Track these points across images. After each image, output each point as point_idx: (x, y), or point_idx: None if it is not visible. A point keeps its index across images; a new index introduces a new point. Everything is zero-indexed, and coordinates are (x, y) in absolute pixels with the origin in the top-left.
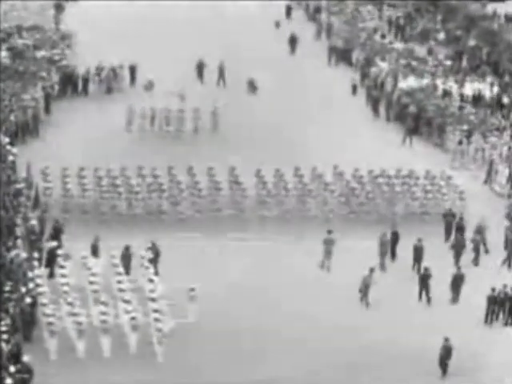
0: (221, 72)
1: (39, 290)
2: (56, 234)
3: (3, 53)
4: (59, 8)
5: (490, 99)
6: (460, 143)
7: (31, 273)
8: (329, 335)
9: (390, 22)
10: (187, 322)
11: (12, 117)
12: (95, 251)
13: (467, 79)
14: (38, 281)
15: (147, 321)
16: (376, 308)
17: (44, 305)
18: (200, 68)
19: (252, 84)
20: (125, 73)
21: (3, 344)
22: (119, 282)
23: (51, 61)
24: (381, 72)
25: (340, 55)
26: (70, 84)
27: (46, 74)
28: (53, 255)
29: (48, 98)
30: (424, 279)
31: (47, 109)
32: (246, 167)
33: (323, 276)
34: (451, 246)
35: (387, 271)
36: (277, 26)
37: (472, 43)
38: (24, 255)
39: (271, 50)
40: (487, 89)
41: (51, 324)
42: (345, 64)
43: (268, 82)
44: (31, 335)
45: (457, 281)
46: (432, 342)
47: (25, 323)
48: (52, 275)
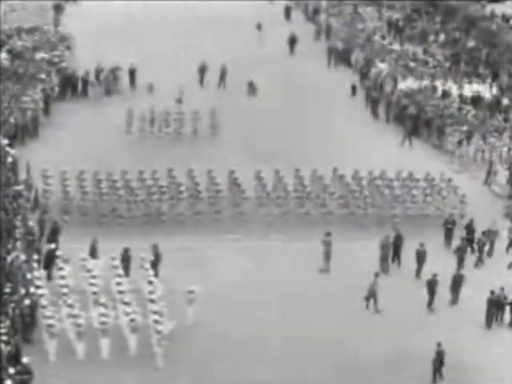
0: (222, 74)
1: (39, 292)
2: (53, 235)
3: (3, 54)
4: (58, 9)
5: (490, 100)
6: (459, 144)
7: (30, 274)
8: (330, 337)
9: (390, 23)
10: (186, 324)
11: (11, 118)
12: (93, 253)
13: (466, 80)
14: (38, 283)
15: (147, 323)
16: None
17: (44, 307)
18: (202, 71)
19: (252, 86)
20: (124, 75)
21: (3, 345)
22: (119, 284)
23: (51, 63)
24: (380, 73)
25: (339, 56)
26: (70, 86)
27: (46, 76)
28: (51, 257)
29: (47, 100)
30: (431, 285)
31: (47, 111)
32: (246, 169)
33: (323, 277)
34: (455, 251)
35: (390, 276)
36: (258, 29)
37: (471, 44)
38: (23, 257)
39: (270, 52)
40: (486, 90)
41: (51, 326)
42: (344, 65)
43: (267, 84)
44: (31, 337)
45: (456, 282)
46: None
47: (24, 325)
48: (50, 277)
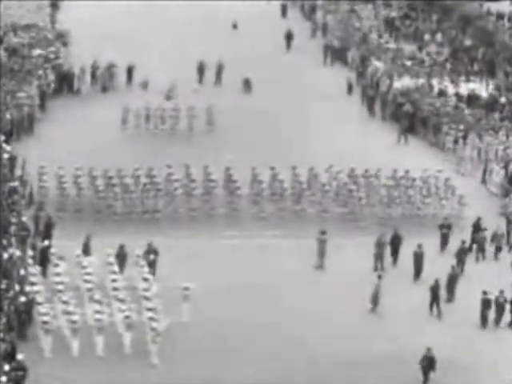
0: (218, 71)
1: (34, 289)
2: (48, 231)
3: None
4: (55, 6)
5: (486, 99)
6: (455, 143)
7: (24, 271)
8: (326, 335)
9: (387, 22)
10: (181, 321)
11: (7, 115)
12: (87, 250)
13: (462, 79)
14: (33, 279)
15: (141, 320)
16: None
17: (39, 303)
18: (201, 69)
19: (247, 83)
20: (120, 72)
21: None
22: (114, 281)
23: (47, 59)
24: (376, 71)
25: (335, 54)
26: (66, 82)
27: (42, 73)
28: (46, 254)
29: (43, 97)
30: (435, 291)
31: (42, 107)
32: (241, 166)
33: (319, 274)
34: (456, 253)
35: (387, 277)
36: (234, 28)
37: (467, 43)
38: (18, 253)
39: (266, 49)
40: (483, 89)
41: (46, 322)
42: (340, 63)
43: (263, 81)
44: (26, 334)
45: (451, 281)
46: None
47: (20, 322)
48: (45, 274)
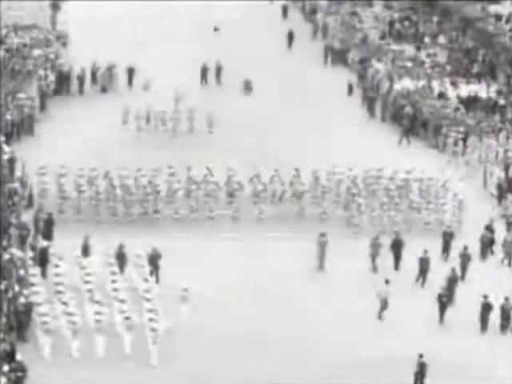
0: (217, 72)
1: (34, 290)
2: (48, 227)
3: (0, 52)
4: (55, 7)
5: (486, 101)
6: (455, 145)
7: (24, 271)
8: (327, 337)
9: (388, 23)
10: (181, 323)
11: (7, 115)
12: (86, 250)
13: (462, 81)
14: (33, 280)
15: (141, 321)
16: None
17: (38, 304)
18: (204, 71)
19: (248, 84)
20: (121, 73)
21: None
22: (114, 282)
23: (47, 60)
24: (377, 73)
25: (336, 55)
26: (66, 83)
27: (42, 73)
28: (45, 255)
29: (43, 97)
30: (442, 301)
31: (43, 108)
32: (242, 167)
33: (319, 275)
34: (459, 256)
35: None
36: (215, 30)
37: (468, 45)
38: (18, 254)
39: (267, 50)
40: (483, 91)
41: (45, 323)
42: (341, 64)
43: (264, 82)
44: (25, 335)
45: (451, 283)
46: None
47: (19, 323)
48: (45, 275)
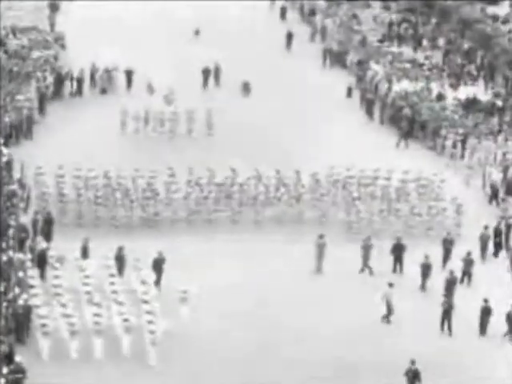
0: (216, 73)
1: (32, 292)
2: (48, 228)
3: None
4: (54, 8)
5: (486, 103)
6: (454, 147)
7: (23, 273)
8: (327, 338)
9: (385, 25)
10: (179, 325)
11: (6, 117)
12: (85, 253)
13: (461, 83)
14: (31, 282)
15: (140, 322)
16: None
17: (37, 306)
18: (206, 74)
19: (246, 86)
20: (120, 74)
21: None
22: (112, 284)
23: (46, 61)
24: (375, 75)
25: (334, 57)
26: (65, 85)
27: (41, 75)
28: (43, 257)
29: (42, 99)
30: (447, 310)
31: (41, 110)
32: (241, 169)
33: (317, 278)
34: (462, 261)
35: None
36: (196, 34)
37: (466, 46)
38: (17, 256)
39: (265, 52)
40: (482, 93)
41: (44, 325)
42: (339, 66)
43: (262, 84)
44: (23, 337)
45: (449, 285)
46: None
47: (18, 325)
48: (43, 277)
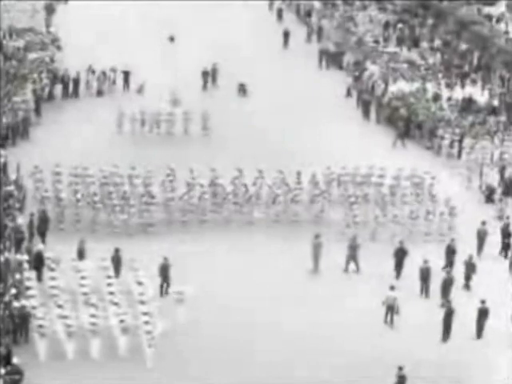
0: (213, 74)
1: (29, 293)
2: (43, 226)
3: None
4: (50, 10)
5: (484, 103)
6: (451, 147)
7: (19, 274)
8: (326, 337)
9: (384, 26)
10: (176, 325)
11: (3, 119)
12: (81, 254)
13: (458, 83)
14: (28, 283)
15: (137, 323)
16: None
17: (34, 307)
18: (205, 75)
19: (243, 87)
20: (117, 76)
21: None
22: (109, 285)
23: (42, 63)
24: (371, 75)
25: (331, 58)
26: (61, 86)
27: (37, 77)
28: (40, 258)
29: (38, 101)
30: (449, 314)
31: (38, 111)
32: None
33: (314, 278)
34: (464, 263)
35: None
36: (171, 41)
37: (463, 47)
38: (14, 257)
39: (262, 53)
40: (478, 93)
41: (41, 326)
42: (336, 67)
43: (259, 85)
44: (20, 339)
45: (446, 285)
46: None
47: (15, 326)
48: (40, 278)
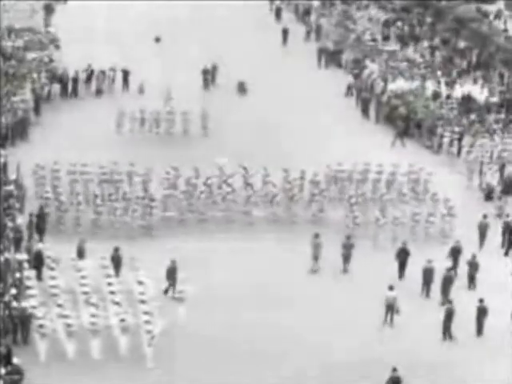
0: (213, 73)
1: (29, 292)
2: (41, 221)
3: None
4: (49, 9)
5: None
6: (451, 145)
7: (19, 274)
8: (327, 338)
9: (383, 24)
10: (176, 324)
11: (2, 119)
12: (81, 253)
13: (458, 81)
14: (28, 283)
15: (137, 323)
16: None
17: (34, 307)
18: (206, 74)
19: (242, 86)
20: (117, 75)
21: None
22: (109, 284)
23: (41, 63)
24: (371, 73)
25: (329, 57)
26: (60, 86)
27: (36, 76)
28: (40, 258)
29: (38, 100)
30: (449, 314)
31: (37, 111)
32: (236, 169)
33: (313, 278)
34: (467, 263)
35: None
36: (157, 41)
37: (462, 45)
38: (14, 257)
39: (260, 52)
40: (478, 91)
41: (41, 326)
42: (334, 66)
43: (258, 84)
44: (22, 338)
45: (445, 283)
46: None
47: (15, 326)
48: (40, 278)
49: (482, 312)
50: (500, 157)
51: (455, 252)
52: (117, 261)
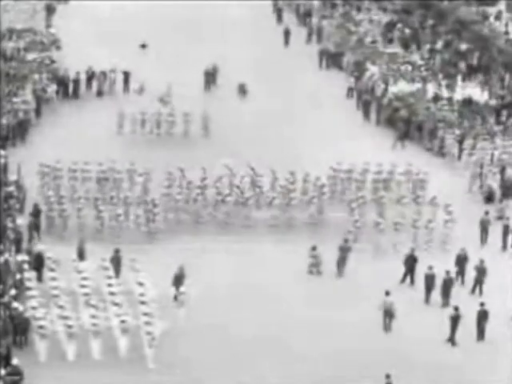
0: (213, 74)
1: (29, 294)
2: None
3: None
4: (50, 10)
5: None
6: (451, 147)
7: (20, 275)
8: (318, 338)
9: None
10: (176, 326)
11: (3, 120)
12: (81, 254)
13: (459, 84)
14: (28, 284)
15: (137, 324)
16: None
17: (34, 308)
18: (208, 75)
19: (242, 88)
20: (118, 77)
21: None
22: (109, 285)
23: (42, 64)
24: (372, 76)
25: (331, 59)
26: (61, 87)
27: (37, 77)
28: (40, 259)
29: (39, 101)
30: (455, 320)
31: (38, 112)
32: (236, 170)
33: (311, 279)
34: (475, 268)
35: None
36: (142, 48)
37: (463, 48)
38: (14, 258)
39: (262, 54)
40: (478, 94)
41: (41, 327)
42: (336, 68)
43: (258, 86)
44: (21, 339)
45: (446, 285)
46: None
47: (15, 327)
48: (40, 279)
49: (483, 316)
50: (500, 159)
51: (461, 260)
52: (117, 262)
